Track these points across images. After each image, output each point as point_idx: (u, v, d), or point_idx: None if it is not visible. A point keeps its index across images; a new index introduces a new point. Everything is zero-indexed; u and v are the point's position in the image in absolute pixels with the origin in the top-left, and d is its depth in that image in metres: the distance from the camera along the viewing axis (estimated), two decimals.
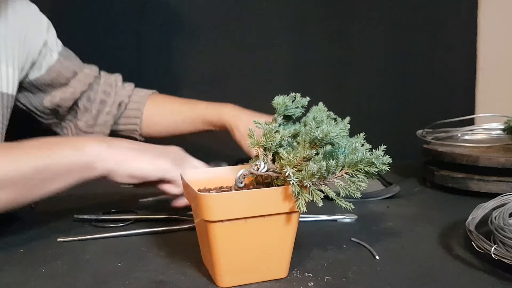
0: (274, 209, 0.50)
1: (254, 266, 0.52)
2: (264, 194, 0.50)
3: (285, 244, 0.53)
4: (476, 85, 1.40)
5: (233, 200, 0.49)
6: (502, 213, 0.60)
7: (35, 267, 0.58)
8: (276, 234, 0.52)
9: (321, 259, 0.59)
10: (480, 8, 1.38)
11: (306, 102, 0.58)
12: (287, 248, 0.53)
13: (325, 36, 1.33)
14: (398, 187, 0.89)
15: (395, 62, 1.37)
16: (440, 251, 0.62)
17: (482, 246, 0.55)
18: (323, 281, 0.53)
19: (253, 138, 0.54)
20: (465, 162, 0.87)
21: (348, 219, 0.75)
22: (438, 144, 0.99)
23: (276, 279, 0.53)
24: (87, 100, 0.96)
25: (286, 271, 0.54)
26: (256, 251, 0.52)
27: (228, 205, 0.49)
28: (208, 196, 0.49)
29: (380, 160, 0.50)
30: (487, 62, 1.39)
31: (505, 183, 0.83)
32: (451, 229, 0.69)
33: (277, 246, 0.52)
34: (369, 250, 0.62)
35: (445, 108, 1.37)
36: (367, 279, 0.54)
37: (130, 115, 1.00)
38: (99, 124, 0.97)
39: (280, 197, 0.50)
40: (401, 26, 1.36)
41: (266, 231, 0.51)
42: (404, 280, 0.53)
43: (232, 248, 0.50)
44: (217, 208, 0.48)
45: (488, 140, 1.01)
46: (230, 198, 0.49)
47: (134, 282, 0.53)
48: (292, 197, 0.49)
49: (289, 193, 0.49)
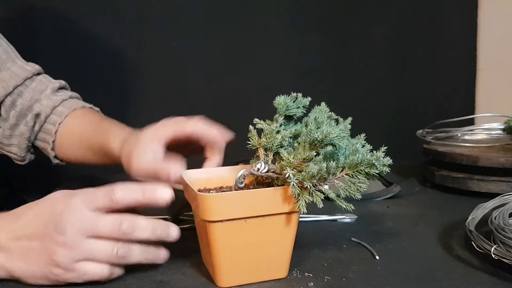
0: (274, 209, 0.50)
1: (254, 266, 0.52)
2: (264, 194, 0.50)
3: (285, 244, 0.53)
4: (476, 85, 1.40)
5: (233, 200, 0.49)
6: (502, 213, 0.60)
7: None
8: (276, 234, 0.52)
9: (321, 259, 0.59)
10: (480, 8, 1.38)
11: (307, 102, 0.58)
12: (287, 248, 0.53)
13: (326, 36, 1.33)
14: (399, 187, 0.89)
15: (395, 62, 1.37)
16: (440, 251, 0.62)
17: (482, 246, 0.55)
18: (323, 281, 0.53)
19: (253, 138, 0.54)
20: (465, 162, 0.87)
21: (348, 219, 0.75)
22: (438, 144, 0.99)
23: (276, 279, 0.53)
24: (10, 106, 0.83)
25: (286, 271, 0.54)
26: (256, 251, 0.52)
27: (228, 205, 0.49)
28: (208, 196, 0.49)
29: (380, 162, 0.50)
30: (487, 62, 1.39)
31: (505, 183, 0.83)
32: (451, 229, 0.69)
33: (277, 246, 0.52)
34: (369, 250, 0.62)
35: (445, 108, 1.37)
36: (367, 279, 0.54)
37: (47, 131, 0.85)
38: (16, 135, 0.84)
39: (280, 197, 0.50)
40: (401, 26, 1.36)
41: (266, 231, 0.51)
42: (404, 280, 0.53)
43: (232, 248, 0.50)
44: (217, 208, 0.48)
45: (488, 140, 1.01)
46: (230, 198, 0.49)
47: (134, 282, 0.53)
48: (292, 198, 0.49)
49: (289, 193, 0.49)
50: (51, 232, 0.49)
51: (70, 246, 0.49)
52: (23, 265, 0.50)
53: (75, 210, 0.50)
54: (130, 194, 0.51)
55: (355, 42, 1.34)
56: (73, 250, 0.49)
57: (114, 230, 0.50)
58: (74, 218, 0.49)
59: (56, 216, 0.50)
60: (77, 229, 0.49)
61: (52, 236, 0.49)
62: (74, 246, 0.49)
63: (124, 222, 0.50)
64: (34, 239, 0.50)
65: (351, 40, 1.34)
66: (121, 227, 0.50)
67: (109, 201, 0.50)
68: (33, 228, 0.50)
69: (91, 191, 0.51)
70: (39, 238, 0.50)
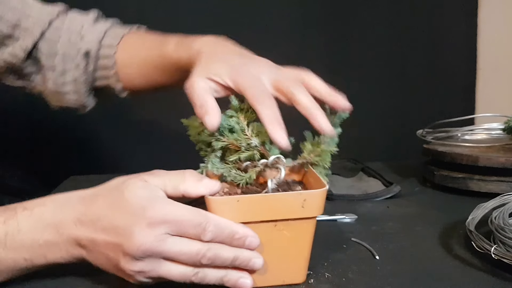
0: (289, 215, 0.50)
1: (269, 269, 0.52)
2: (279, 199, 0.49)
3: (302, 251, 0.52)
4: (476, 85, 1.40)
5: (246, 205, 0.49)
6: (502, 213, 0.60)
7: None
8: (291, 240, 0.51)
9: (321, 259, 0.59)
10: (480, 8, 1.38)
11: None
12: (304, 253, 0.52)
13: (326, 35, 1.33)
14: (399, 187, 0.89)
15: (395, 62, 1.37)
16: (440, 251, 0.62)
17: (482, 246, 0.55)
18: (323, 281, 0.53)
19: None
20: (465, 162, 0.87)
21: (348, 219, 0.75)
22: (438, 144, 0.99)
23: (293, 283, 0.53)
24: (50, 54, 0.78)
25: (303, 276, 0.53)
26: (270, 255, 0.51)
27: (240, 210, 0.49)
28: (219, 200, 0.49)
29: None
30: (487, 62, 1.39)
31: (505, 183, 0.83)
32: (451, 229, 0.69)
33: (293, 251, 0.52)
34: (369, 250, 0.62)
35: (445, 108, 1.37)
36: (367, 279, 0.54)
37: (103, 67, 0.80)
38: (68, 82, 0.79)
39: (295, 202, 0.49)
40: (401, 26, 1.36)
41: (280, 236, 0.50)
42: (404, 280, 0.53)
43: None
44: (228, 213, 0.48)
45: (488, 140, 1.01)
46: (242, 203, 0.49)
47: None
48: (307, 203, 0.49)
49: (304, 199, 0.49)
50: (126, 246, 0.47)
51: (142, 268, 0.47)
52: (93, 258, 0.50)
53: (155, 232, 0.47)
54: (221, 233, 0.48)
55: (355, 42, 1.34)
56: (146, 270, 0.48)
57: (192, 259, 0.48)
58: (154, 240, 0.46)
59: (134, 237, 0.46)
60: (154, 253, 0.47)
61: (123, 247, 0.47)
62: (147, 268, 0.48)
63: (206, 254, 0.48)
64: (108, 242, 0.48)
65: (351, 40, 1.34)
66: (202, 260, 0.48)
67: (196, 235, 0.48)
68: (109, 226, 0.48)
69: (182, 214, 0.48)
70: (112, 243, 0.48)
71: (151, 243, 0.46)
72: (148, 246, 0.46)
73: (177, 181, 0.50)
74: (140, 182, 0.49)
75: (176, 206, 0.48)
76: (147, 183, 0.49)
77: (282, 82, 0.56)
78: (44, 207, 0.52)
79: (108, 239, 0.48)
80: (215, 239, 0.48)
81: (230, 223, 0.49)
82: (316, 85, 0.58)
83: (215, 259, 0.48)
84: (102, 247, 0.49)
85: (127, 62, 0.79)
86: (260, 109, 0.53)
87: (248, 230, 0.49)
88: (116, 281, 0.51)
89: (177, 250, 0.47)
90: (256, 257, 0.50)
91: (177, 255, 0.47)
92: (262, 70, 0.58)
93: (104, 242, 0.48)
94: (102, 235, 0.48)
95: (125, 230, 0.47)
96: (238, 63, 0.58)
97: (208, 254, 0.48)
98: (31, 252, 0.51)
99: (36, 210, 0.51)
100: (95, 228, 0.49)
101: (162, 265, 0.48)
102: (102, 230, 0.48)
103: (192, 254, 0.47)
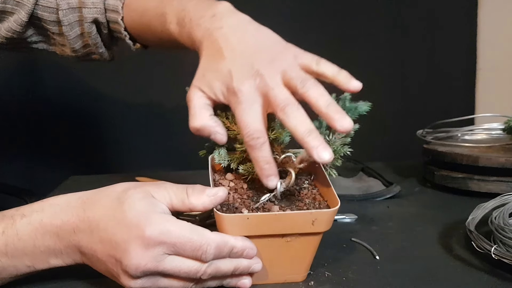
0: (298, 230, 0.50)
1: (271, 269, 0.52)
2: (289, 218, 0.50)
3: (306, 257, 0.53)
4: (476, 85, 1.40)
5: (256, 222, 0.49)
6: (502, 213, 0.60)
7: None
8: (298, 250, 0.51)
9: (321, 259, 0.59)
10: (480, 8, 1.38)
11: None
12: (308, 258, 0.53)
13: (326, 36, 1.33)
14: (399, 187, 0.89)
15: (395, 62, 1.37)
16: (440, 251, 0.62)
17: (482, 246, 0.55)
18: (323, 280, 0.53)
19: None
20: (465, 162, 0.87)
21: (348, 219, 0.75)
22: (438, 144, 0.99)
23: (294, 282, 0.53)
24: (55, 21, 0.75)
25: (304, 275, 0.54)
26: (275, 259, 0.51)
27: (249, 226, 0.49)
28: (228, 218, 0.49)
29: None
30: (487, 62, 1.39)
31: (505, 183, 0.83)
32: (451, 229, 0.69)
33: (297, 257, 0.52)
34: (369, 250, 0.62)
35: (445, 108, 1.37)
36: (367, 279, 0.54)
37: (114, 30, 0.77)
38: (87, 44, 0.78)
39: (306, 220, 0.49)
40: (401, 27, 1.36)
41: (285, 249, 0.51)
42: (404, 280, 0.53)
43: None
44: (237, 229, 0.49)
45: (488, 140, 1.01)
46: (252, 220, 0.49)
47: None
48: (317, 221, 0.49)
49: (315, 218, 0.49)
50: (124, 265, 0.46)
51: (143, 284, 0.47)
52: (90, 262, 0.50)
53: (152, 252, 0.46)
54: (221, 252, 0.48)
55: (355, 42, 1.34)
56: (146, 286, 0.48)
57: (192, 276, 0.48)
58: (151, 260, 0.46)
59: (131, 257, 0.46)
60: (153, 272, 0.47)
61: (122, 264, 0.47)
62: (147, 284, 0.48)
63: (207, 271, 0.48)
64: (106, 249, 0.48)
65: (351, 40, 1.34)
66: (202, 276, 0.48)
67: (196, 257, 0.47)
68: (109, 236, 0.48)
69: (181, 235, 0.46)
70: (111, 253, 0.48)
71: (149, 263, 0.46)
72: (147, 267, 0.46)
73: (182, 193, 0.50)
74: (141, 194, 0.49)
75: (174, 225, 0.47)
76: (148, 196, 0.49)
77: (294, 80, 0.54)
78: (42, 213, 0.51)
79: (106, 251, 0.48)
80: (214, 258, 0.48)
81: (228, 238, 0.48)
82: (325, 71, 0.58)
83: (215, 274, 0.49)
84: (101, 257, 0.49)
85: (137, 24, 0.75)
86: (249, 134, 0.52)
87: (247, 242, 0.49)
88: (116, 283, 0.51)
89: (176, 269, 0.47)
90: (255, 263, 0.50)
91: (176, 273, 0.47)
92: (263, 72, 0.55)
93: (102, 253, 0.48)
94: (100, 246, 0.48)
95: (121, 246, 0.47)
96: (233, 72, 0.55)
97: (208, 271, 0.48)
98: (33, 258, 0.51)
99: (34, 216, 0.51)
100: (93, 238, 0.49)
101: (162, 280, 0.48)
102: (100, 241, 0.48)
103: (191, 272, 0.47)
